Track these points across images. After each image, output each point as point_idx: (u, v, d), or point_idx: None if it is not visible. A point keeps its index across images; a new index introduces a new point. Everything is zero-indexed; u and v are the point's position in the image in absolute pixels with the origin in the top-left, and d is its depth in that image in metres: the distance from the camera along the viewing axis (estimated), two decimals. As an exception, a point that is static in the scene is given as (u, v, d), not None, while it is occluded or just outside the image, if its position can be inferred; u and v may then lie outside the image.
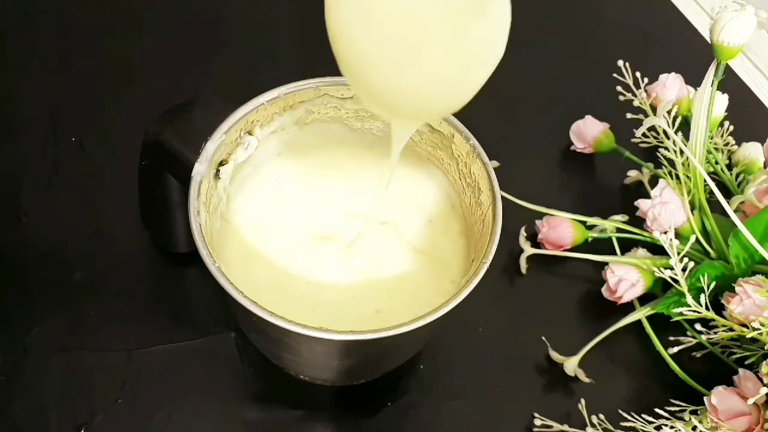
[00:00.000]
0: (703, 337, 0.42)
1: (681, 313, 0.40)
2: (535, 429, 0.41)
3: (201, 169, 0.34)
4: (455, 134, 0.37)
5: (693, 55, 0.55)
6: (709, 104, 0.43)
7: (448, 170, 0.39)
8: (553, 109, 0.55)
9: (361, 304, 0.36)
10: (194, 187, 0.33)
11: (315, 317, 0.33)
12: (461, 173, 0.38)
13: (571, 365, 0.42)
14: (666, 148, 0.47)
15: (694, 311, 0.39)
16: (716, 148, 0.50)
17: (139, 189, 0.42)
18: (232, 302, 0.31)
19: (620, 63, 0.50)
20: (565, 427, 0.40)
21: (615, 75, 0.50)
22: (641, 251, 0.46)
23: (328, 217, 0.39)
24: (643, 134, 0.51)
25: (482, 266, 0.33)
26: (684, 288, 0.40)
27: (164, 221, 0.41)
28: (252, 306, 0.30)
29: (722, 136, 0.51)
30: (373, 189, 0.40)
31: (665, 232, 0.41)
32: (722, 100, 0.51)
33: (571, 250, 0.47)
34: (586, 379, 0.43)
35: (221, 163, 0.36)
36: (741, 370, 0.39)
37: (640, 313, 0.44)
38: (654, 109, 0.49)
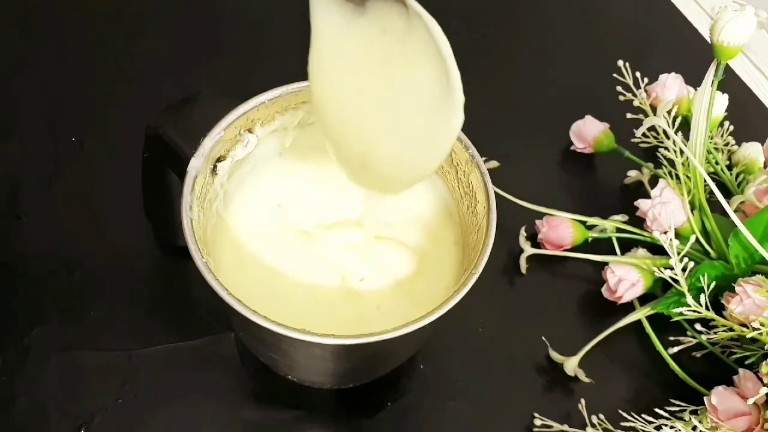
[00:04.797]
0: (703, 337, 0.42)
1: (681, 313, 0.40)
2: (535, 429, 0.41)
3: (196, 164, 0.34)
4: (455, 142, 0.37)
5: (693, 55, 0.55)
6: (709, 104, 0.43)
7: (447, 178, 0.39)
8: (553, 109, 0.55)
9: (354, 308, 0.36)
10: (188, 182, 0.33)
11: (309, 320, 0.33)
12: (459, 181, 0.38)
13: (571, 365, 0.42)
14: (666, 148, 0.47)
15: (694, 311, 0.39)
16: (716, 148, 0.50)
17: (142, 181, 0.41)
18: (221, 300, 0.31)
19: (620, 63, 0.50)
20: (565, 427, 0.40)
21: (615, 75, 0.50)
22: (641, 251, 0.46)
23: (326, 219, 0.38)
24: (643, 134, 0.51)
25: (471, 277, 0.32)
26: (684, 288, 0.40)
27: (166, 213, 0.41)
28: (236, 304, 0.30)
29: (722, 136, 0.51)
30: (372, 194, 0.40)
31: (665, 232, 0.41)
32: (722, 100, 0.51)
33: (571, 250, 0.47)
34: (586, 379, 0.43)
35: (219, 159, 0.36)
36: (741, 370, 0.39)
37: (640, 313, 0.44)
38: (654, 109, 0.49)
